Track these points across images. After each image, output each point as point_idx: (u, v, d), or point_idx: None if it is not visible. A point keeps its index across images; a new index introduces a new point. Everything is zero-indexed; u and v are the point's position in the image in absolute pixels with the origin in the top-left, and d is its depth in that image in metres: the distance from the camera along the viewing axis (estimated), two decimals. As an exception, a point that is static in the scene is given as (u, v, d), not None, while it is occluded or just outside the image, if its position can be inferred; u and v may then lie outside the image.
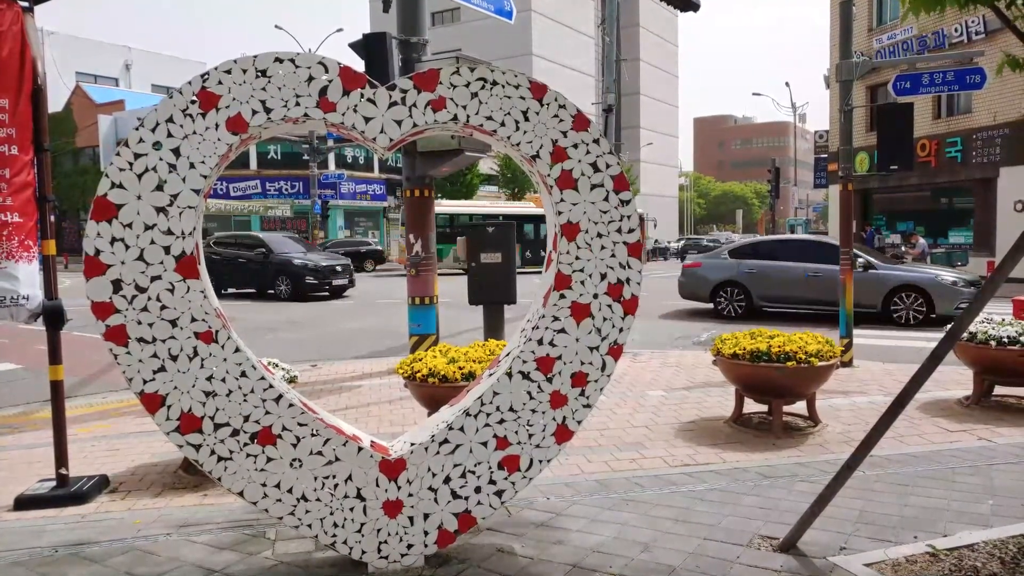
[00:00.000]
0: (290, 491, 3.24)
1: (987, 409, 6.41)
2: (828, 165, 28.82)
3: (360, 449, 3.31)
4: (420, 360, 4.99)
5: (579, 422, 3.56)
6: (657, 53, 72.46)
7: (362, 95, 3.28)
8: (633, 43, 68.51)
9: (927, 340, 10.22)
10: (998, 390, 6.69)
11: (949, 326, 3.48)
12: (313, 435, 3.25)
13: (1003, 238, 21.90)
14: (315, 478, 3.26)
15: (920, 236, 20.09)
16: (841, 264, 8.37)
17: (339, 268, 19.18)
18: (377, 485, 3.32)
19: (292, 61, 3.20)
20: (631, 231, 3.56)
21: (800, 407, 5.98)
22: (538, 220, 31.90)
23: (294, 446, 3.23)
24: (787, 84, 57.24)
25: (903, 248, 20.70)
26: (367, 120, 3.28)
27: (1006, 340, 6.18)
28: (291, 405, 3.22)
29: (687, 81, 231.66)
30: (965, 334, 6.40)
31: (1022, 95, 21.44)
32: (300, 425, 3.23)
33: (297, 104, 3.20)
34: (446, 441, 3.38)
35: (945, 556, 3.43)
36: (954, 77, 8.43)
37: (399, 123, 3.32)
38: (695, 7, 11.00)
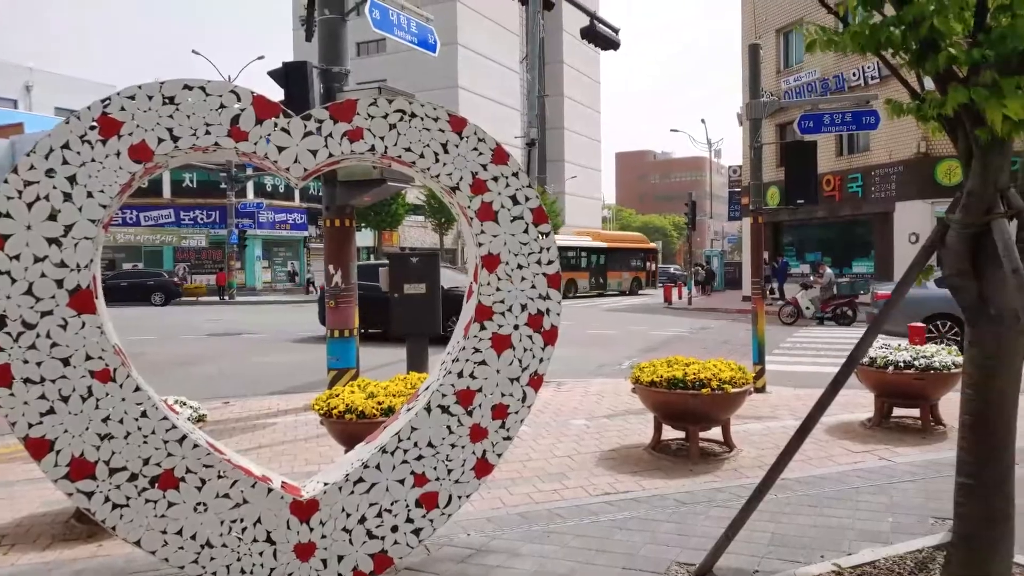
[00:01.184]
0: (193, 537, 3.09)
1: (888, 430, 6.72)
2: (741, 199, 29.99)
3: (270, 490, 3.20)
4: (337, 396, 4.88)
5: (499, 455, 3.54)
6: (580, 89, 74.26)
7: (276, 124, 3.23)
8: (557, 79, 70.06)
9: (834, 366, 10.66)
10: (897, 411, 7.02)
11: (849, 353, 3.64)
12: (220, 477, 3.12)
13: (900, 268, 23.17)
14: (221, 522, 3.12)
15: (827, 266, 21.02)
16: (752, 293, 8.67)
17: None
18: (288, 527, 3.21)
19: (203, 89, 3.13)
20: (550, 262, 3.61)
21: (716, 433, 6.12)
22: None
23: (199, 489, 3.09)
24: (703, 121, 59.60)
25: (812, 277, 21.61)
26: (280, 150, 3.23)
27: (902, 364, 6.51)
28: (196, 446, 3.09)
29: (609, 116, 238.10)
30: (866, 359, 6.72)
31: (914, 136, 22.87)
32: (205, 467, 3.10)
33: (207, 133, 3.13)
34: (361, 480, 3.31)
35: (849, 574, 3.55)
36: (851, 118, 8.94)
37: (314, 153, 3.28)
38: (615, 46, 11.33)
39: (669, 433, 6.20)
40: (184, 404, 4.94)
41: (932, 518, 4.37)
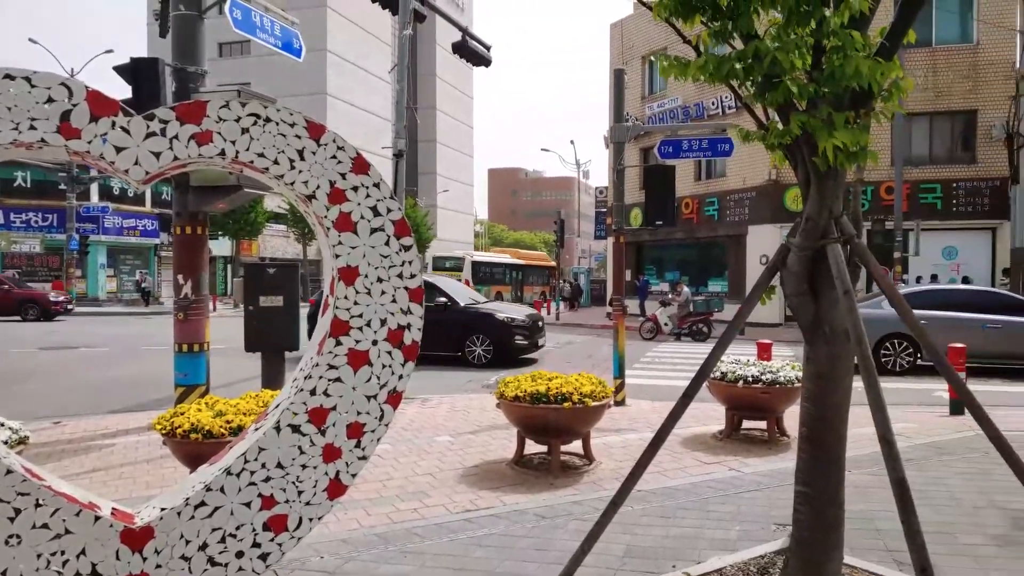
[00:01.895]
0: (3, 574, 2.76)
1: (737, 441, 7.09)
2: (607, 218, 31.09)
3: (97, 518, 2.92)
4: (182, 414, 4.57)
5: (354, 475, 3.41)
6: (453, 103, 74.54)
7: (114, 123, 2.97)
8: (430, 92, 69.95)
9: (689, 379, 11.16)
10: (746, 424, 7.42)
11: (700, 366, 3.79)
12: (37, 505, 2.81)
13: (752, 287, 24.78)
14: (38, 556, 2.81)
15: (684, 285, 22.11)
16: (614, 310, 8.94)
17: (541, 323, 15.67)
18: (118, 558, 2.94)
19: (27, 80, 2.84)
20: (412, 276, 3.52)
21: (578, 446, 6.22)
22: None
23: (11, 520, 2.77)
24: (572, 142, 61.36)
25: (670, 295, 22.65)
26: (119, 150, 2.98)
27: (750, 379, 6.90)
28: (9, 472, 2.77)
29: (482, 133, 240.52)
30: (717, 374, 7.07)
31: (766, 164, 24.57)
32: (20, 495, 2.78)
33: (32, 128, 2.83)
34: (203, 504, 3.08)
35: (699, 583, 3.68)
36: (708, 145, 9.46)
37: (157, 155, 3.05)
38: (487, 63, 11.43)
39: (532, 447, 6.25)
40: (2, 425, 4.46)
41: (775, 525, 4.62)
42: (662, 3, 3.62)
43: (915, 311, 13.20)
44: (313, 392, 3.30)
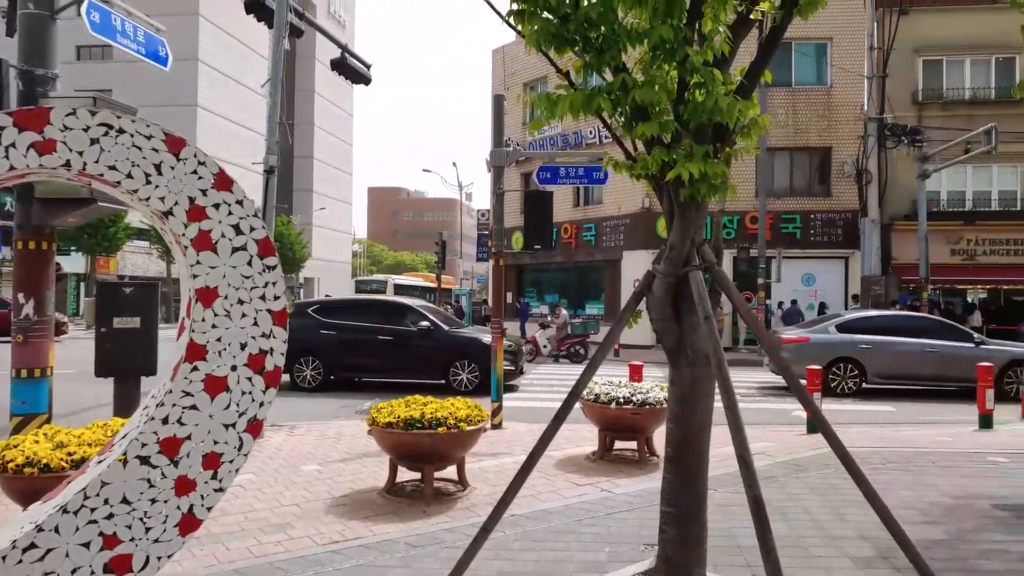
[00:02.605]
0: None
1: (610, 462, 7.23)
2: (488, 241, 31.37)
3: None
4: (15, 446, 4.16)
5: (209, 508, 3.20)
6: (332, 120, 73.03)
7: (-64, 126, 2.70)
8: (308, 107, 68.23)
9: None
10: (618, 444, 7.59)
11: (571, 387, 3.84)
12: None
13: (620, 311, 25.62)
14: None
15: (563, 308, 22.54)
16: (492, 332, 8.97)
17: (521, 348, 15.05)
18: (-73, 613, 2.61)
19: None
20: (276, 298, 3.38)
21: (452, 472, 6.15)
22: None
23: None
24: (454, 164, 61.65)
25: (549, 318, 23.00)
26: (-58, 156, 2.70)
27: (622, 400, 7.07)
28: None
29: (363, 151, 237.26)
30: (591, 396, 7.21)
31: (639, 193, 25.57)
32: None
33: None
34: (33, 546, 2.80)
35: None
36: (583, 172, 9.72)
37: (-12, 163, 2.79)
38: (366, 81, 11.27)
39: (405, 475, 6.12)
40: None
41: (643, 545, 4.72)
42: (532, 33, 3.68)
43: (862, 335, 13.29)
44: (166, 421, 3.09)
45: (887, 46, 22.58)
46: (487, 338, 13.36)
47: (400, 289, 39.45)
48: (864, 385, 13.22)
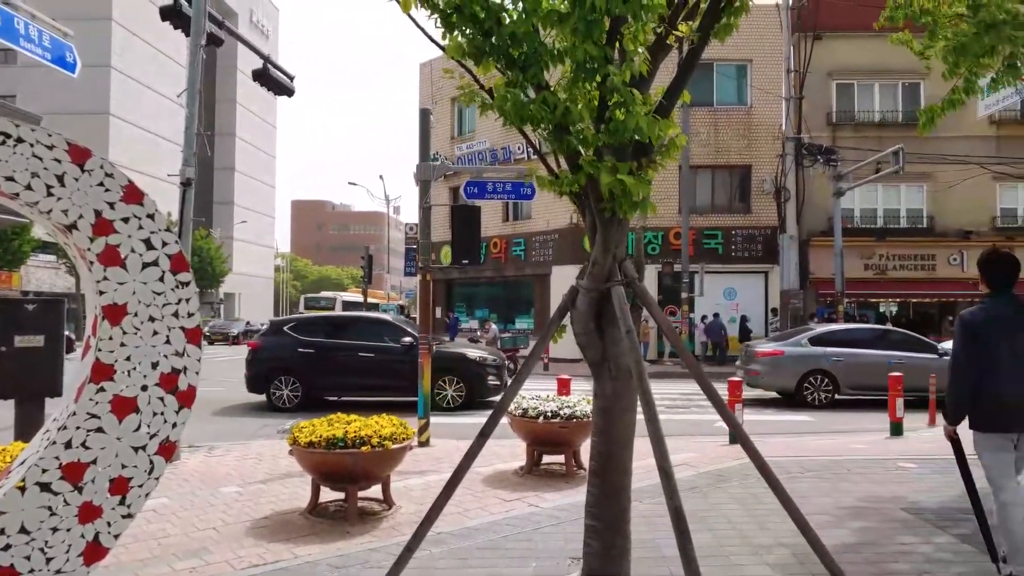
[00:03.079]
0: None
1: (538, 477, 7.24)
2: (416, 255, 31.19)
3: None
4: (-99, 475, 3.86)
5: (117, 536, 3.05)
6: (254, 132, 71.28)
7: None
8: (229, 119, 66.43)
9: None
10: (546, 458, 7.61)
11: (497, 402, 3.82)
12: None
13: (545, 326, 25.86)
14: None
15: (492, 322, 22.55)
16: (420, 348, 8.89)
17: (504, 362, 14.38)
18: None
19: None
20: (190, 315, 3.26)
21: (377, 491, 6.04)
22: None
23: None
24: (381, 177, 61.07)
25: (479, 333, 23.00)
26: None
27: (549, 414, 7.10)
28: None
29: (287, 163, 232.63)
30: (519, 410, 7.21)
31: (568, 208, 25.88)
32: None
33: None
34: (-83, 584, 2.61)
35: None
36: (511, 187, 9.78)
37: None
38: (289, 92, 11.07)
39: (329, 495, 5.98)
40: None
41: (569, 559, 4.73)
42: (453, 46, 3.69)
43: (834, 348, 13.71)
44: (69, 445, 2.94)
45: (803, 69, 23.60)
46: (473, 353, 13.48)
47: (348, 305, 39.61)
48: (837, 396, 13.60)
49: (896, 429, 9.72)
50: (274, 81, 10.32)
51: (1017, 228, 24.64)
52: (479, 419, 11.06)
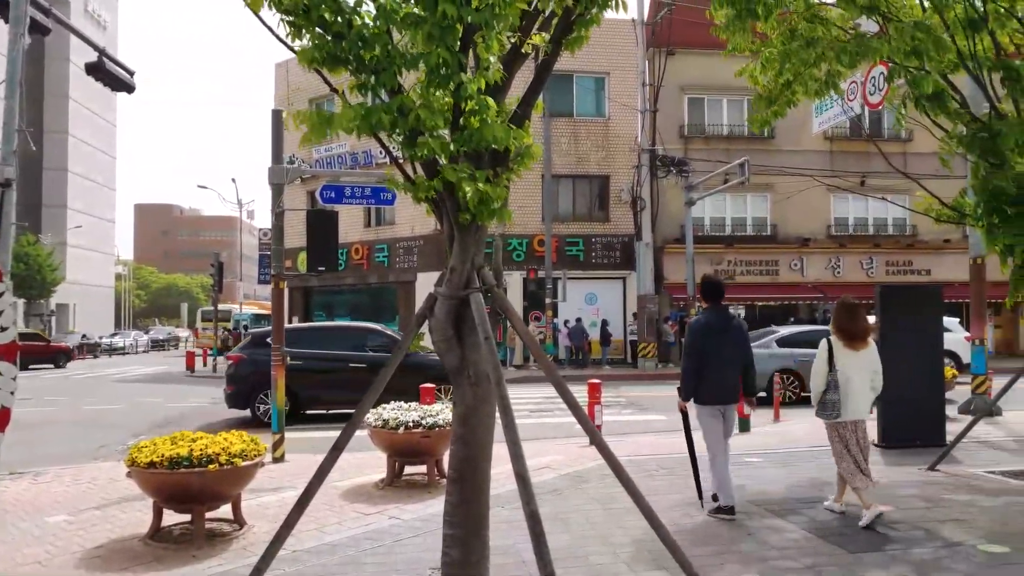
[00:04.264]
0: None
1: (399, 488, 7.11)
2: (271, 262, 30.02)
3: None
4: None
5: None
6: (91, 129, 65.72)
7: None
8: (61, 114, 60.72)
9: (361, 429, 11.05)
10: (408, 469, 7.49)
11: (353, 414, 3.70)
12: None
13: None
14: None
15: (353, 331, 21.89)
16: (273, 359, 8.52)
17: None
18: None
19: None
20: (4, 329, 2.94)
21: (227, 511, 5.71)
22: None
23: None
24: (233, 180, 58.31)
25: (340, 341, 22.27)
26: None
27: (411, 424, 6.99)
28: None
29: (129, 165, 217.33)
30: (379, 421, 7.05)
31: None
32: None
33: None
34: None
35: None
36: (371, 192, 9.58)
37: None
38: (129, 89, 10.30)
39: (174, 517, 5.59)
40: None
41: (429, 568, 4.66)
42: (305, 52, 3.56)
43: (799, 349, 14.11)
44: None
45: (657, 83, 24.78)
46: None
47: (256, 318, 39.11)
48: (803, 393, 13.98)
49: (744, 425, 10.32)
50: (111, 75, 9.59)
51: (848, 236, 27.01)
52: (300, 434, 10.76)
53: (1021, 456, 8.27)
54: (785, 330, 16.32)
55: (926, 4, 6.96)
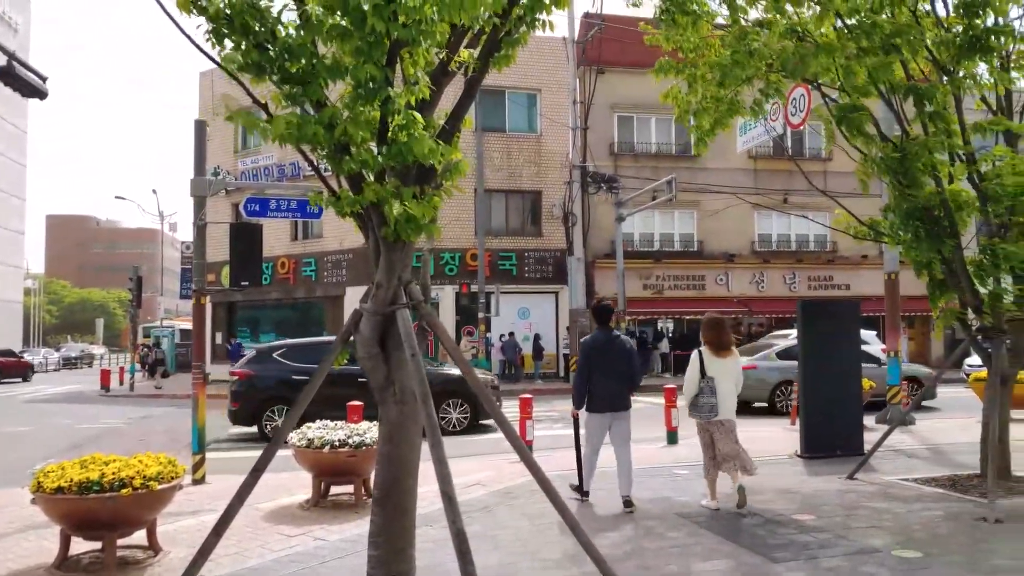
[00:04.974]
0: None
1: (325, 509, 6.93)
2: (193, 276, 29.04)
3: None
4: None
5: None
6: (0, 136, 62.67)
7: None
8: (-37, 120, 57.62)
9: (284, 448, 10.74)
10: (335, 489, 7.31)
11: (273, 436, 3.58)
12: None
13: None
14: None
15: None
16: (194, 377, 8.22)
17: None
18: None
19: None
20: None
21: (141, 537, 5.45)
22: None
23: None
24: (154, 191, 56.46)
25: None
26: None
27: (337, 443, 6.83)
28: None
29: (43, 174, 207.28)
30: (304, 441, 6.87)
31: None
32: None
33: None
34: None
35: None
36: (297, 206, 9.38)
37: None
38: (41, 95, 9.81)
39: (83, 545, 5.30)
40: None
41: (354, 590, 4.54)
42: (228, 56, 3.47)
43: (779, 362, 14.59)
44: None
45: (587, 101, 25.16)
46: (482, 375, 12.74)
47: (186, 334, 36.36)
48: None
49: (672, 438, 10.48)
50: (22, 81, 9.11)
51: (772, 251, 27.91)
52: (221, 455, 10.38)
53: (933, 463, 8.64)
54: (784, 343, 16.46)
55: (840, 26, 7.27)
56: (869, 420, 10.60)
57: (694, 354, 6.77)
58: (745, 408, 15.66)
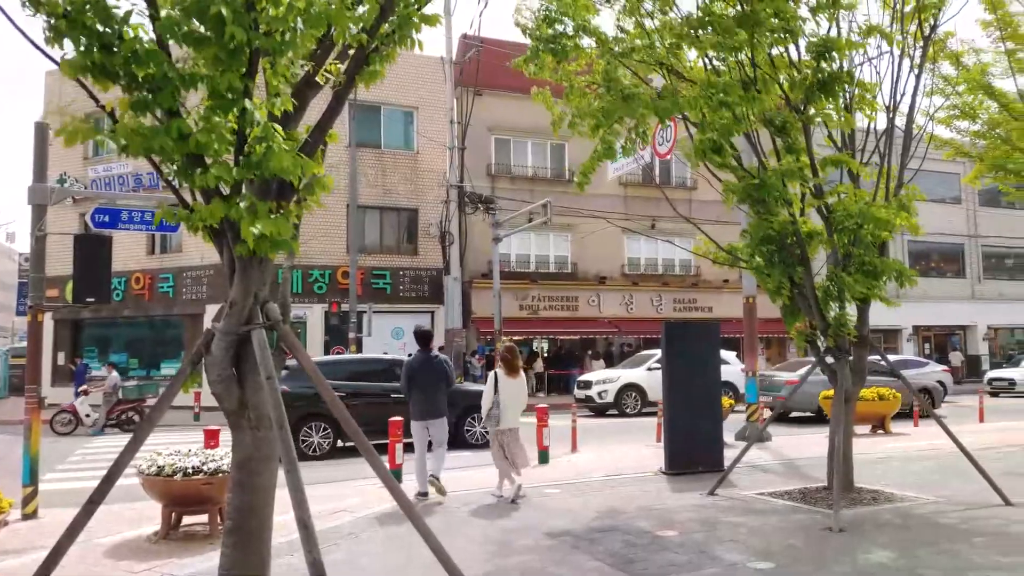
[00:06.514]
0: None
1: (175, 541, 6.48)
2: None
3: None
4: None
5: None
6: None
7: None
8: None
9: (127, 477, 9.97)
10: (188, 519, 6.84)
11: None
12: None
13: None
14: None
15: (114, 368, 19.39)
16: (27, 402, 7.50)
17: None
18: None
19: None
20: None
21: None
22: None
23: None
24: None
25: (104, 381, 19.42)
26: None
27: (191, 470, 6.40)
28: None
29: None
30: (152, 468, 6.39)
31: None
32: None
33: None
34: None
35: None
36: (152, 218, 8.80)
37: None
38: None
39: None
40: None
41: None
42: (71, 61, 3.20)
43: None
44: None
45: (465, 121, 25.29)
46: None
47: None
48: None
49: (543, 457, 10.55)
50: None
51: (640, 274, 28.95)
52: (57, 487, 9.54)
53: (787, 478, 9.15)
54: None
55: (706, 65, 7.67)
56: (729, 437, 11.11)
57: (491, 375, 8.22)
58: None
